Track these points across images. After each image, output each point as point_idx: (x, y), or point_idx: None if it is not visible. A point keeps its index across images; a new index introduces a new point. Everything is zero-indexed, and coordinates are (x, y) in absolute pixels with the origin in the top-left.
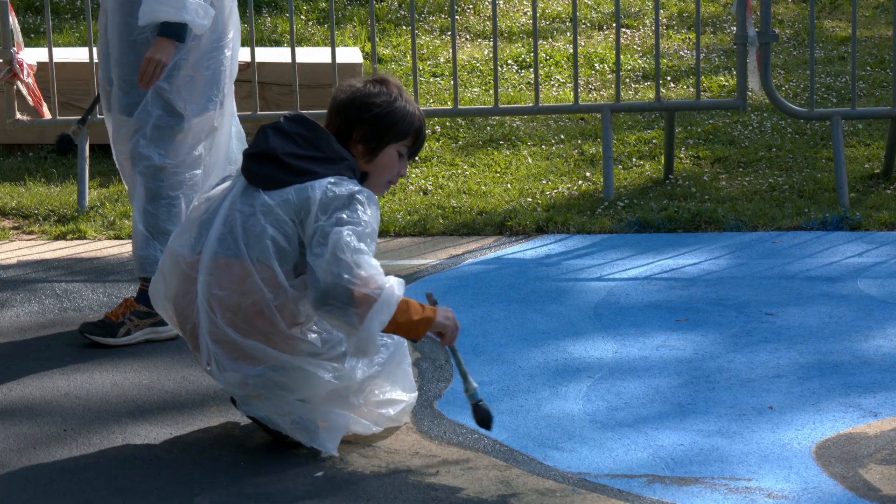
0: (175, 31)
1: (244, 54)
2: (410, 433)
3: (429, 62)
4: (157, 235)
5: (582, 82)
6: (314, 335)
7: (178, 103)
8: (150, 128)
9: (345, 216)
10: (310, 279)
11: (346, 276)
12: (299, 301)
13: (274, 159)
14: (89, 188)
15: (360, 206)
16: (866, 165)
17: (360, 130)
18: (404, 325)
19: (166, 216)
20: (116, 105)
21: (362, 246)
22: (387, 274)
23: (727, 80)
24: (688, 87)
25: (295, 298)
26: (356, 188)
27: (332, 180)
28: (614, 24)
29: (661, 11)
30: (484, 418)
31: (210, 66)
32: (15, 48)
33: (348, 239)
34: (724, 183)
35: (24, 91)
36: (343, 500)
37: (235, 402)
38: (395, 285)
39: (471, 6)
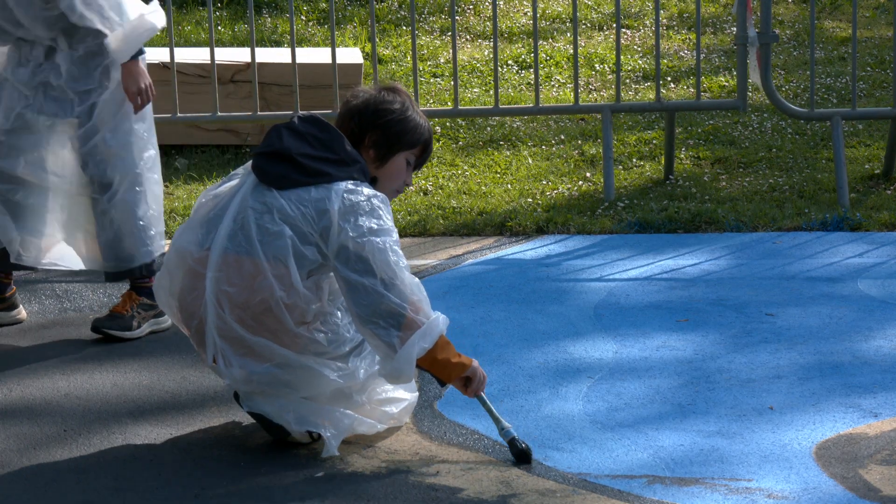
0: (139, 50)
1: (245, 54)
2: (411, 433)
3: (429, 62)
4: (156, 228)
5: (582, 83)
6: (321, 335)
7: (148, 118)
8: (133, 147)
9: (374, 225)
10: (353, 295)
11: (397, 299)
12: (310, 301)
13: (288, 159)
14: None
15: (381, 213)
16: (866, 166)
17: (373, 135)
18: (441, 362)
19: (149, 210)
20: (78, 112)
21: (403, 260)
22: None
23: (727, 81)
24: (688, 87)
25: (306, 298)
26: (371, 192)
27: (348, 187)
28: (614, 25)
29: (662, 12)
30: (519, 454)
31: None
32: None
33: (392, 258)
34: (724, 183)
35: None
36: (343, 500)
37: (238, 398)
38: (440, 318)
39: (471, 7)
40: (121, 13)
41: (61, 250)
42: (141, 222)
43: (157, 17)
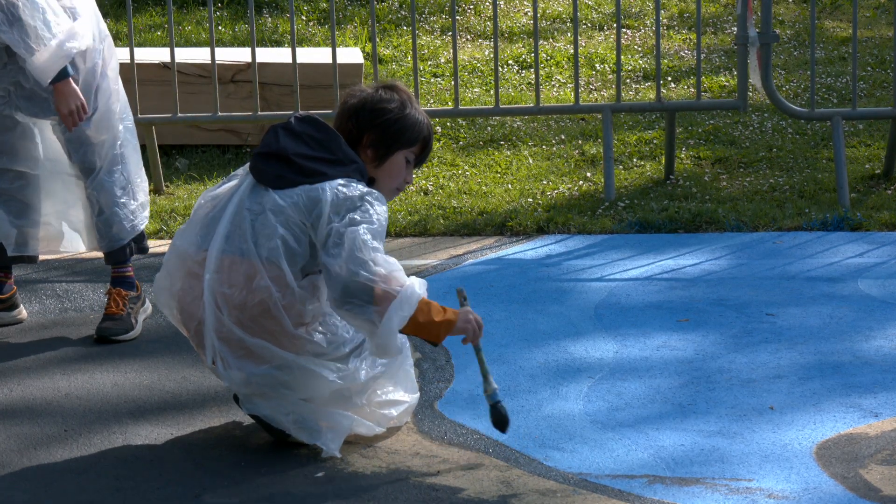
0: (65, 71)
1: (245, 54)
2: (411, 433)
3: (429, 62)
4: (138, 200)
5: (583, 83)
6: (319, 335)
7: (122, 98)
8: (112, 129)
9: (357, 216)
10: (328, 280)
11: (365, 273)
12: (306, 301)
13: (284, 159)
14: None
15: (370, 207)
16: (867, 166)
17: (371, 135)
18: (425, 325)
19: (129, 185)
20: (88, 121)
21: (378, 244)
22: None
23: (728, 81)
24: (688, 87)
25: (302, 299)
26: (366, 189)
27: (342, 182)
28: (615, 25)
29: (662, 12)
30: (499, 420)
31: (94, 58)
32: None
33: (365, 237)
34: (724, 183)
35: None
36: (344, 501)
37: (238, 400)
38: (416, 284)
39: (471, 6)
40: (41, 39)
41: (61, 236)
42: (122, 199)
43: (76, 43)
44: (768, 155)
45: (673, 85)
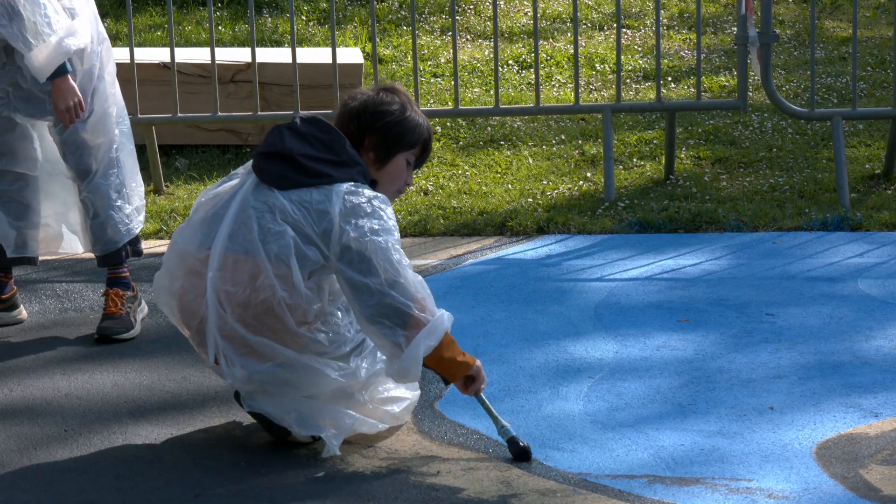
0: (63, 67)
1: (245, 54)
2: (411, 433)
3: (429, 62)
4: (133, 204)
5: (583, 83)
6: (322, 335)
7: (119, 101)
8: (108, 132)
9: (375, 225)
10: (357, 295)
11: (402, 297)
12: (312, 302)
13: (289, 159)
14: None
15: (382, 213)
16: (867, 166)
17: (373, 138)
18: (447, 360)
19: (124, 188)
20: (51, 110)
21: (407, 261)
22: None
23: (728, 81)
24: (688, 87)
25: (308, 300)
26: (371, 193)
27: (348, 189)
28: (615, 25)
29: (662, 12)
30: (519, 453)
31: (92, 60)
32: None
33: (396, 256)
34: (724, 183)
35: None
36: (344, 501)
37: (239, 398)
38: (444, 315)
39: (471, 6)
40: (40, 35)
41: (61, 237)
42: (117, 203)
43: (75, 41)
44: (768, 155)
45: (673, 85)
